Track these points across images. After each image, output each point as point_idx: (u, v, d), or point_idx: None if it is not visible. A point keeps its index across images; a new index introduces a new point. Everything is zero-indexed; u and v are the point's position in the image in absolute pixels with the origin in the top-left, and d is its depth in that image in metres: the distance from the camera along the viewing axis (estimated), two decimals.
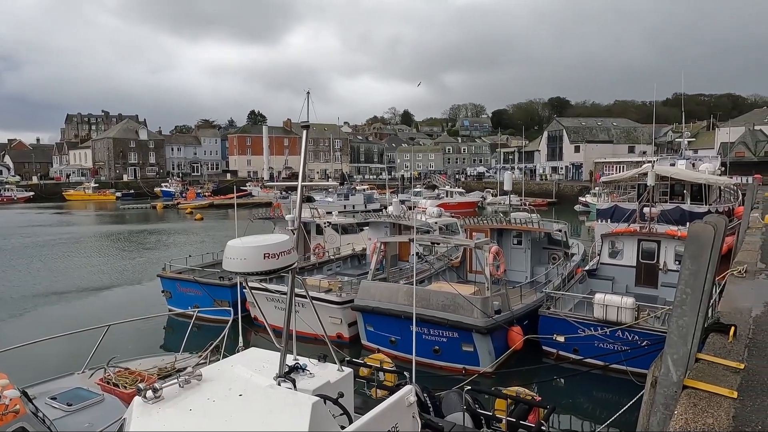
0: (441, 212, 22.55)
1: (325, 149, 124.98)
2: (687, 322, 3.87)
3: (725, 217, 4.20)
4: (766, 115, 70.69)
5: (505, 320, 12.05)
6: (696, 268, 3.80)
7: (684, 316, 3.84)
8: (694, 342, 3.99)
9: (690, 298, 3.83)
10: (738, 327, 5.31)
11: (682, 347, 3.92)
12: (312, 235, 22.24)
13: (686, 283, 3.82)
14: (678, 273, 12.32)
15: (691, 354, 4.23)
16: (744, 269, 8.35)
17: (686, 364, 3.99)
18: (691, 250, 3.83)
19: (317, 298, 13.94)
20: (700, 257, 3.79)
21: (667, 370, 3.93)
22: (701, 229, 3.76)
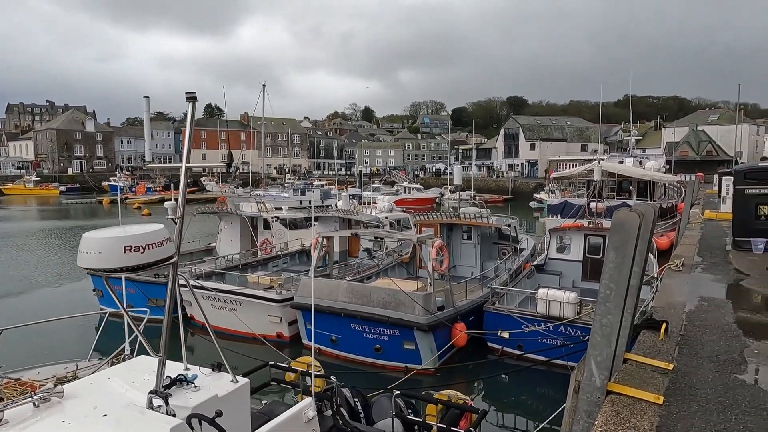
0: (392, 207, 22.11)
1: (283, 144, 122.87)
2: (611, 321, 3.47)
3: (655, 206, 3.82)
4: (708, 117, 74.00)
5: (448, 317, 11.69)
6: (620, 260, 3.41)
7: (608, 314, 3.45)
8: (619, 342, 3.61)
9: (614, 293, 3.44)
10: (670, 323, 5.03)
11: (605, 348, 3.53)
12: (259, 230, 21.38)
13: (610, 277, 3.43)
14: None
15: (617, 355, 3.86)
16: (681, 263, 8.23)
17: (611, 367, 3.60)
18: (615, 241, 3.44)
19: (254, 295, 13.22)
20: (625, 248, 3.40)
21: (590, 373, 3.53)
22: (625, 218, 3.37)
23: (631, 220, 3.35)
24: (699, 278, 7.43)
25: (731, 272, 7.87)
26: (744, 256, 9.13)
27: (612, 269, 3.41)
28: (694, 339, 4.73)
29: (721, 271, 7.97)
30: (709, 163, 57.63)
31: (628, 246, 3.38)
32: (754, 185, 9.37)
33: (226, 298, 13.66)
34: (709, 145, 64.91)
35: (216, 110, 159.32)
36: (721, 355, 4.33)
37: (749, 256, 9.11)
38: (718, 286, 6.96)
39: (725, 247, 10.24)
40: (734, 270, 8.02)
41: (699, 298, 6.28)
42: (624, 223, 3.36)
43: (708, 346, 4.56)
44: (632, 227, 3.36)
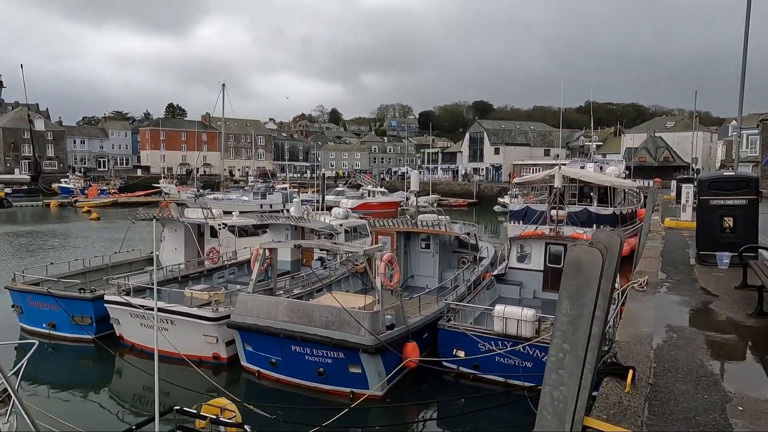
0: (348, 213, 21.06)
1: (247, 146, 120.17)
2: (565, 394, 2.55)
3: (621, 234, 2.90)
4: (665, 123, 76.02)
5: (398, 336, 10.75)
6: (577, 313, 2.49)
7: (561, 384, 2.53)
8: (575, 419, 2.68)
9: (569, 358, 2.52)
10: (637, 368, 4.19)
11: (558, 428, 2.59)
12: (206, 238, 19.99)
13: (563, 335, 2.51)
14: None
15: (575, 422, 2.94)
16: (645, 281, 7.52)
17: None
18: (570, 287, 2.52)
19: (185, 313, 11.96)
20: (583, 297, 2.49)
21: None
22: (583, 256, 2.47)
23: (592, 261, 2.45)
24: (665, 301, 6.69)
25: (698, 292, 7.19)
26: (710, 272, 8.52)
27: (565, 325, 2.50)
28: (665, 390, 3.88)
29: (687, 290, 7.28)
30: (666, 169, 58.98)
31: (587, 294, 2.47)
32: (719, 196, 8.79)
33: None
34: (666, 152, 66.55)
35: (178, 110, 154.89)
36: (699, 415, 3.49)
37: (715, 272, 8.50)
38: (685, 311, 6.23)
39: (689, 261, 9.66)
40: (701, 290, 7.35)
41: (667, 327, 5.50)
42: (581, 263, 2.45)
43: (683, 400, 3.72)
44: (593, 269, 2.46)
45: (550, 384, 2.60)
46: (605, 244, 2.90)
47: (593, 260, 2.44)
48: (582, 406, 3.14)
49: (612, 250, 3.00)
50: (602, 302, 3.10)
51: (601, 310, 3.12)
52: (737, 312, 6.17)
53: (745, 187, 8.68)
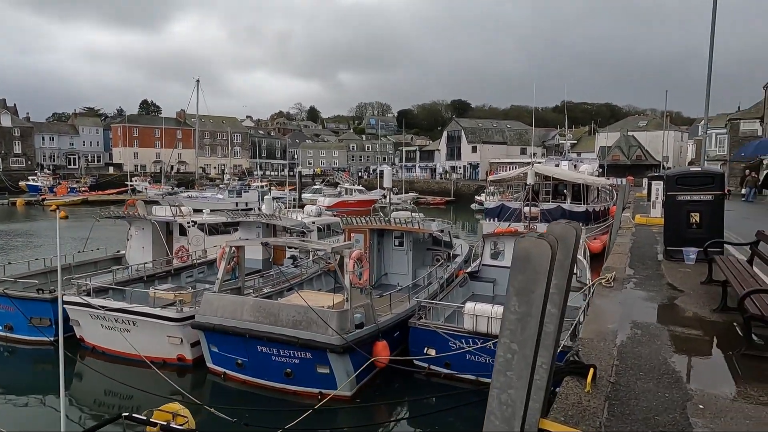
0: (321, 211, 20.75)
1: (223, 143, 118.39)
2: (513, 398, 2.37)
3: (578, 226, 2.71)
4: (638, 122, 77.45)
5: (368, 335, 10.54)
6: (525, 311, 2.31)
7: (509, 387, 2.35)
8: (528, 422, 2.50)
9: (517, 358, 2.34)
10: (599, 366, 4.05)
11: None
12: (174, 236, 19.46)
13: (510, 334, 2.33)
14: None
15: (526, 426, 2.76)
16: (612, 277, 7.45)
17: None
18: (518, 282, 2.33)
19: (148, 314, 11.53)
20: (531, 293, 2.31)
21: None
22: (531, 248, 2.28)
23: (540, 253, 2.26)
24: (631, 297, 6.62)
25: (664, 288, 7.15)
26: (676, 268, 8.51)
27: (513, 323, 2.31)
28: (627, 389, 3.75)
29: (654, 286, 7.23)
30: (639, 167, 60.04)
31: (535, 290, 2.29)
32: (686, 191, 8.80)
33: (117, 318, 11.88)
34: (639, 150, 67.76)
35: (153, 107, 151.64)
36: (660, 414, 3.36)
37: (682, 268, 8.50)
38: (651, 306, 6.15)
39: (657, 257, 9.67)
40: (667, 285, 7.31)
41: (632, 324, 5.41)
42: (530, 257, 2.27)
43: (644, 399, 3.58)
44: (541, 263, 2.28)
45: (498, 387, 2.41)
46: (558, 236, 2.73)
47: (542, 252, 2.26)
48: (537, 408, 2.97)
49: (566, 243, 2.83)
50: (557, 298, 2.93)
51: (555, 306, 2.95)
52: (702, 307, 6.12)
53: (711, 182, 8.70)
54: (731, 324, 5.50)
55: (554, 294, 2.93)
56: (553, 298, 2.92)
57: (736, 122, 49.44)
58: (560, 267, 2.91)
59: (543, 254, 2.26)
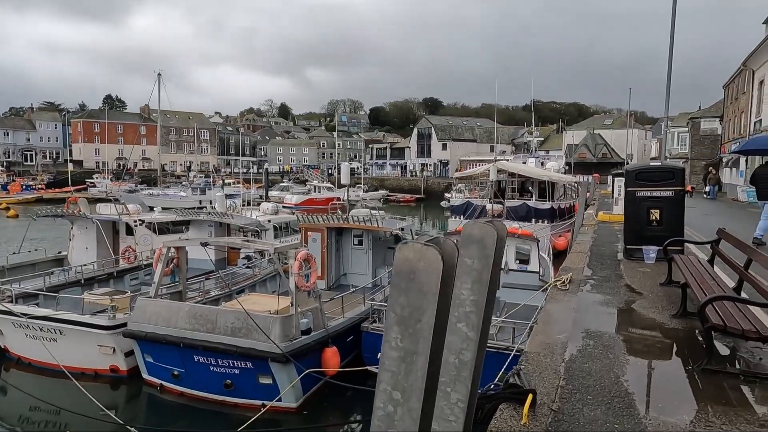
0: (278, 208, 19.87)
1: (189, 139, 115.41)
2: None
3: (500, 224, 2.01)
4: (604, 121, 78.67)
5: (315, 342, 9.83)
6: (409, 347, 1.65)
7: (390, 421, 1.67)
8: None
9: (400, 412, 1.67)
10: (541, 389, 3.45)
11: None
12: (121, 235, 18.30)
13: (392, 379, 1.67)
14: (519, 273, 10.99)
15: None
16: (568, 279, 6.93)
17: None
18: (400, 308, 1.66)
19: (75, 321, 10.55)
20: (418, 321, 1.64)
21: None
22: (417, 259, 1.61)
23: (427, 266, 1.60)
24: (586, 301, 6.09)
25: (622, 290, 6.66)
26: (636, 267, 8.07)
27: (395, 362, 1.65)
28: (571, 418, 3.15)
29: (611, 288, 6.73)
30: (605, 165, 60.79)
31: (423, 317, 1.62)
32: (646, 187, 8.37)
33: (42, 326, 10.83)
34: (605, 148, 68.75)
35: (117, 102, 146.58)
36: None
37: (641, 267, 8.07)
38: (607, 312, 5.62)
39: (617, 256, 9.25)
40: (626, 287, 6.83)
41: (584, 333, 4.84)
42: (414, 271, 1.60)
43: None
44: (429, 279, 1.61)
45: (378, 419, 1.75)
46: (475, 238, 2.09)
47: (430, 266, 1.60)
48: None
49: (484, 247, 2.18)
50: (474, 318, 2.29)
51: (473, 328, 2.31)
52: (661, 312, 5.63)
53: (671, 178, 8.30)
54: (692, 331, 5.01)
55: (471, 314, 2.30)
56: (470, 318, 2.29)
57: (697, 121, 50.50)
58: (478, 279, 2.27)
59: (431, 268, 1.60)
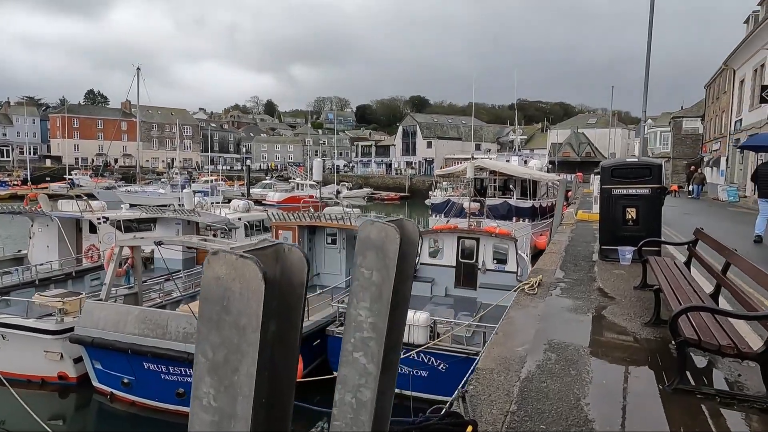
0: (249, 206, 19.20)
1: (172, 136, 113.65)
2: None
3: (410, 224, 1.42)
4: (588, 120, 78.94)
5: None
6: (223, 408, 1.07)
7: None
8: None
9: None
10: (490, 417, 2.93)
11: None
12: (84, 234, 17.52)
13: (212, 426, 1.09)
14: (496, 273, 10.49)
15: None
16: (537, 282, 6.44)
17: None
18: (211, 348, 1.10)
19: (18, 325, 9.84)
20: (234, 372, 1.08)
21: None
22: (229, 278, 1.05)
23: (242, 288, 1.04)
24: (554, 306, 5.60)
25: (594, 294, 6.19)
26: (611, 269, 7.63)
27: (207, 425, 1.08)
28: None
29: (582, 292, 6.26)
30: (588, 164, 60.91)
31: (240, 366, 1.07)
32: (622, 184, 7.93)
33: None
34: (588, 147, 68.92)
35: (99, 97, 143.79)
36: None
37: (616, 269, 7.63)
38: (574, 320, 5.14)
39: (592, 256, 8.81)
40: (598, 291, 6.36)
41: (547, 344, 4.35)
42: (226, 296, 1.04)
43: None
44: (248, 308, 1.06)
45: None
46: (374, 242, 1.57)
47: (245, 288, 1.05)
48: None
49: (383, 254, 1.67)
50: (374, 346, 1.81)
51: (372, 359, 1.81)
52: (633, 319, 5.16)
53: (648, 174, 7.86)
54: (666, 342, 4.54)
55: (370, 340, 1.78)
56: (370, 346, 1.78)
57: (679, 120, 50.72)
58: (377, 298, 1.76)
59: (250, 290, 1.06)
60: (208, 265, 1.10)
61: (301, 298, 1.26)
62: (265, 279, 1.03)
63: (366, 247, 1.74)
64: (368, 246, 1.74)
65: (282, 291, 1.16)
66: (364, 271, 1.75)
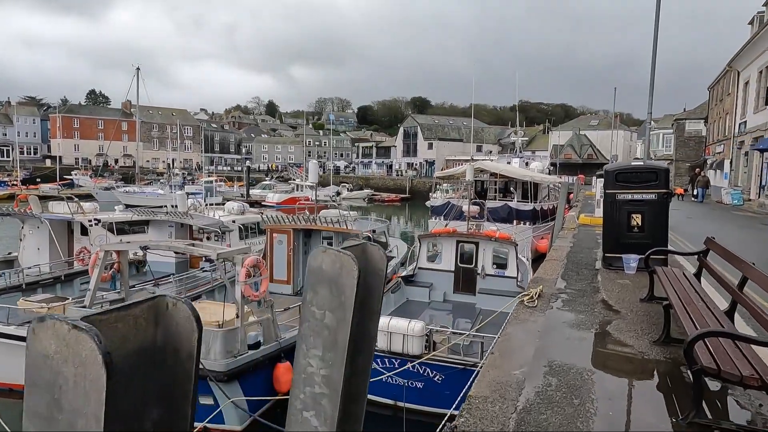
0: (244, 208, 18.84)
1: (173, 136, 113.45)
2: None
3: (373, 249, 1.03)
4: (590, 122, 78.47)
5: (266, 356, 8.89)
6: None
7: None
8: None
9: None
10: None
11: None
12: (75, 236, 17.17)
13: None
14: (496, 278, 10.12)
15: None
16: (537, 293, 6.07)
17: None
18: None
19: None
20: None
21: None
22: (52, 350, 0.68)
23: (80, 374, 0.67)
24: (555, 321, 5.22)
25: (598, 307, 5.81)
26: (615, 279, 7.25)
27: None
28: None
29: (586, 305, 5.88)
30: (590, 166, 60.45)
31: None
32: (627, 189, 7.55)
33: None
34: (590, 149, 68.47)
35: (101, 97, 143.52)
36: None
37: (621, 279, 7.25)
38: (577, 337, 4.76)
39: (595, 264, 8.42)
40: (602, 303, 5.98)
41: (547, 367, 3.97)
42: (51, 381, 0.69)
43: None
44: (79, 397, 0.69)
45: None
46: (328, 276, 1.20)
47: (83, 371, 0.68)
48: None
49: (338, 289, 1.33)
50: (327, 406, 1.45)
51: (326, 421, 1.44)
52: (640, 337, 4.78)
53: (654, 179, 7.47)
54: (677, 364, 4.17)
55: (322, 397, 1.42)
56: (321, 404, 1.40)
57: (682, 122, 50.28)
58: (332, 345, 1.38)
59: (85, 381, 0.69)
60: (33, 337, 0.73)
61: (191, 379, 0.90)
62: (107, 365, 0.66)
63: (317, 281, 1.38)
64: (320, 279, 1.37)
65: (163, 370, 0.79)
66: (315, 311, 1.40)
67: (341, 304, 1.36)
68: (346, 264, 1.36)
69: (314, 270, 1.38)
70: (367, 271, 1.40)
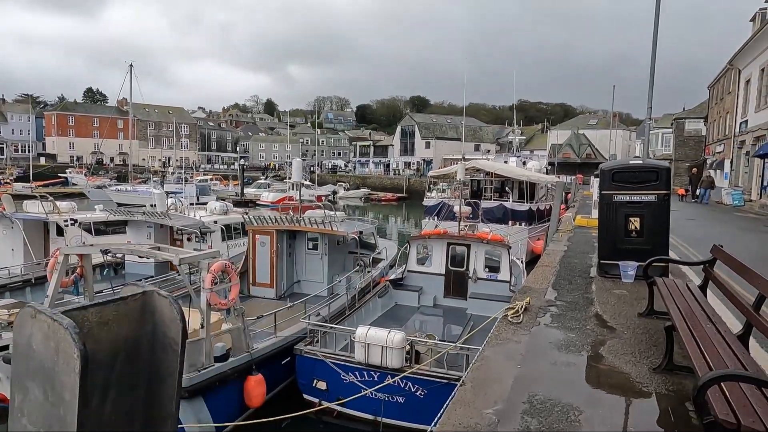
0: (227, 208, 18.14)
1: (169, 134, 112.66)
2: None
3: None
4: (588, 121, 77.88)
5: (234, 369, 8.23)
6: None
7: None
8: None
9: None
10: None
11: None
12: (51, 237, 16.49)
13: None
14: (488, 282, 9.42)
15: None
16: (522, 307, 5.41)
17: None
18: None
19: None
20: None
21: None
22: None
23: None
24: (541, 341, 4.56)
25: (591, 323, 5.15)
26: (611, 289, 6.59)
27: None
28: None
29: (578, 320, 5.23)
30: (589, 166, 59.80)
31: None
32: (625, 190, 6.89)
33: None
34: (589, 148, 67.87)
35: (99, 95, 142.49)
36: None
37: (617, 289, 6.59)
38: (567, 362, 4.10)
39: (590, 271, 7.77)
40: (595, 318, 5.33)
41: (527, 403, 3.31)
42: None
43: None
44: None
45: None
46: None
47: None
48: None
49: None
50: None
51: None
52: (639, 362, 4.13)
53: (654, 179, 6.82)
54: (682, 398, 3.51)
55: None
56: None
57: (682, 122, 49.67)
58: None
59: None
60: None
61: None
62: None
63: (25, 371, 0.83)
64: (28, 369, 0.82)
65: None
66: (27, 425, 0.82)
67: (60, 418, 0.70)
68: (63, 344, 0.70)
69: (20, 349, 0.73)
70: (154, 336, 0.78)
